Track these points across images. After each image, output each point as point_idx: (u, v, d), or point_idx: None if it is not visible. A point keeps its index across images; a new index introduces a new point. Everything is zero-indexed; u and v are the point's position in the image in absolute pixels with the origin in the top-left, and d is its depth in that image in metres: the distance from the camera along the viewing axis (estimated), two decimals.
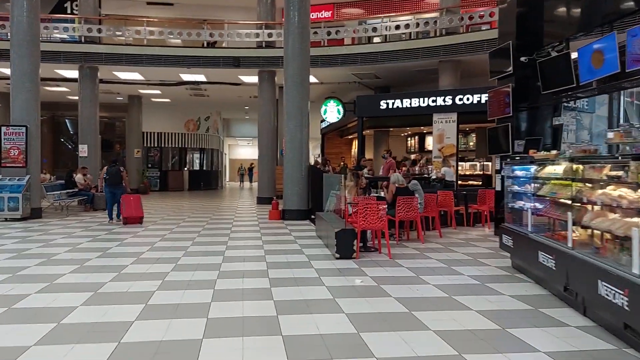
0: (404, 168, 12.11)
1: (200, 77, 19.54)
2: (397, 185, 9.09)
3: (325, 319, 4.45)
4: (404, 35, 18.14)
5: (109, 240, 9.15)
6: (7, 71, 12.86)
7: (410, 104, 14.15)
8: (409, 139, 20.64)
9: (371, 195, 9.51)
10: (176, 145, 27.80)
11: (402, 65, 16.81)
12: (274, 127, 18.63)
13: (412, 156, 17.54)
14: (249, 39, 18.02)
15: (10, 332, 4.09)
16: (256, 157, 18.83)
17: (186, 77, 19.49)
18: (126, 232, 10.30)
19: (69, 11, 21.19)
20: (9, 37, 13.51)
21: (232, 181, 39.92)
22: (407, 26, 17.01)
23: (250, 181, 37.12)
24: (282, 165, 14.76)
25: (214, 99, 24.62)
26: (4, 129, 12.44)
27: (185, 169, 28.26)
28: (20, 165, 12.37)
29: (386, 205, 8.42)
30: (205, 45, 19.48)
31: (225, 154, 36.80)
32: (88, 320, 4.40)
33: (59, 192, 14.33)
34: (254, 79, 18.41)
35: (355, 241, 7.44)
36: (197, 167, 29.03)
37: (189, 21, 21.20)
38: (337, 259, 7.28)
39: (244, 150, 42.58)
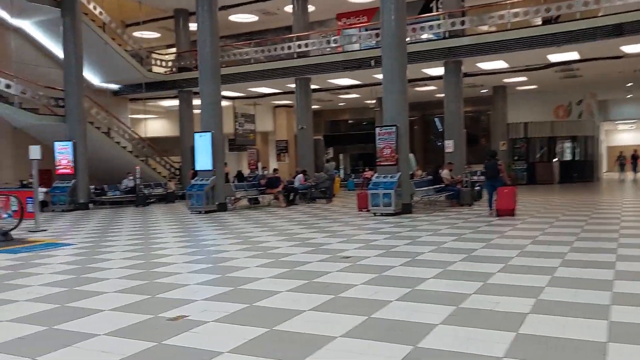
0: None
1: (572, 55, 17.22)
2: None
3: None
4: None
5: (474, 240, 8.50)
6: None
7: None
8: None
9: None
10: (544, 135, 25.67)
11: None
12: None
13: None
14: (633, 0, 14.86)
15: (363, 350, 3.73)
16: None
17: (554, 57, 17.49)
18: (493, 230, 9.49)
19: (434, 11, 21.79)
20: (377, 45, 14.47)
21: (610, 171, 34.78)
22: None
23: (635, 171, 31.46)
24: None
25: (588, 78, 21.57)
26: (377, 129, 13.34)
27: (555, 160, 25.81)
28: (392, 163, 13.02)
29: None
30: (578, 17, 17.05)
31: (601, 140, 32.26)
32: (447, 347, 3.70)
33: (426, 188, 14.63)
34: None
35: None
36: (568, 157, 26.19)
37: None
38: None
39: (625, 135, 36.66)
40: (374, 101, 25.71)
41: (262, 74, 20.83)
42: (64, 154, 18.16)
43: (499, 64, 18.66)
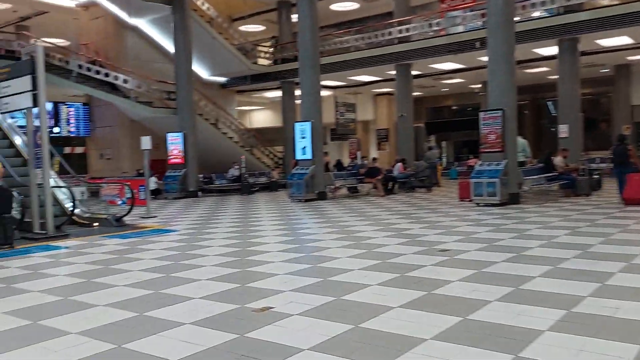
0: None
1: None
2: None
3: None
4: None
5: (591, 234, 7.66)
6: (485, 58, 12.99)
7: None
8: None
9: None
10: None
11: None
12: None
13: None
14: None
15: (456, 355, 3.37)
16: None
17: None
18: (614, 224, 8.51)
19: None
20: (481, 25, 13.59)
21: None
22: None
23: None
24: None
25: None
26: (482, 114, 12.56)
27: None
28: (498, 149, 12.20)
29: None
30: None
31: None
32: (555, 359, 3.24)
33: (537, 176, 13.57)
34: None
35: None
36: None
37: None
38: None
39: None
40: (479, 85, 24.48)
41: (362, 61, 20.55)
42: (175, 145, 19.15)
43: (623, 40, 16.88)
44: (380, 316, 4.09)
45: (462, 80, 24.44)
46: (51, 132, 23.00)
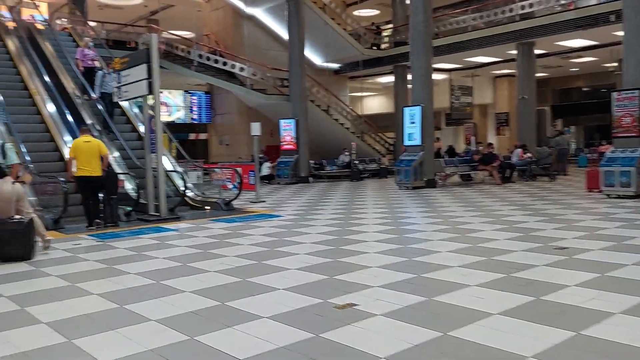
0: None
1: None
2: None
3: None
4: None
5: None
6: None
7: None
8: None
9: None
10: None
11: None
12: None
13: None
14: None
15: None
16: None
17: None
18: None
19: None
20: None
21: None
22: None
23: None
24: None
25: None
26: (615, 94, 11.14)
27: None
28: (634, 134, 10.76)
29: None
30: None
31: None
32: None
33: None
34: None
35: None
36: None
37: None
38: None
39: None
40: (615, 64, 21.97)
41: (480, 41, 19.31)
42: (287, 131, 19.44)
43: None
44: (476, 324, 3.62)
45: (594, 59, 22.08)
46: (175, 119, 24.65)
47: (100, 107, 12.34)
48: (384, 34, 24.86)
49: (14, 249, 6.19)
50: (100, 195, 8.97)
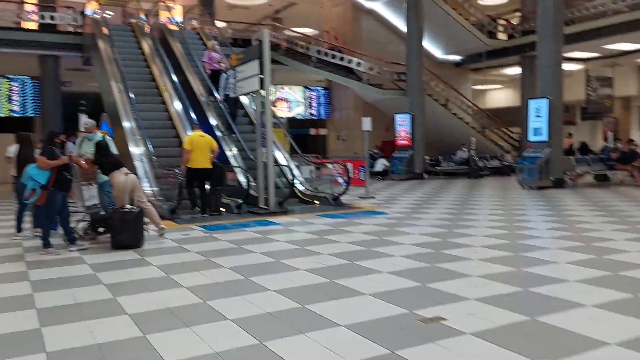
0: None
1: None
2: None
3: None
4: None
5: None
6: None
7: None
8: None
9: None
10: None
11: None
12: None
13: None
14: None
15: None
16: None
17: None
18: None
19: None
20: None
21: None
22: None
23: None
24: None
25: None
26: None
27: None
28: None
29: None
30: None
31: None
32: None
33: None
34: None
35: None
36: None
37: None
38: None
39: None
40: None
41: (623, 27, 17.24)
42: (402, 126, 18.96)
43: None
44: (585, 354, 3.05)
45: None
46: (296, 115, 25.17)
47: (223, 108, 12.76)
48: (511, 22, 23.25)
49: (125, 238, 6.55)
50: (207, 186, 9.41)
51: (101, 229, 6.87)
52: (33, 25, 18.19)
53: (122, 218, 6.51)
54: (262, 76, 9.86)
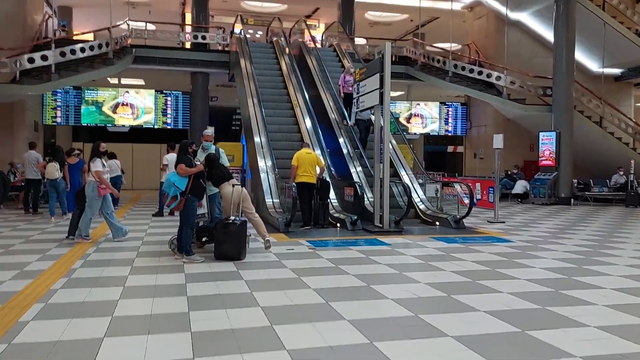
0: None
1: None
2: None
3: None
4: None
5: None
6: None
7: None
8: None
9: None
10: None
11: None
12: None
13: None
14: None
15: None
16: None
17: None
18: None
19: None
20: None
21: None
22: None
23: None
24: None
25: None
26: None
27: None
28: None
29: None
30: None
31: None
32: None
33: None
34: None
35: None
36: None
37: None
38: None
39: None
40: None
41: None
42: (547, 145, 17.42)
43: None
44: None
45: None
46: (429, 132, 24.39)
47: (354, 134, 12.52)
48: None
49: (228, 249, 6.60)
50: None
51: (205, 239, 7.03)
52: (187, 45, 19.90)
53: (225, 229, 6.59)
54: (382, 90, 9.58)
